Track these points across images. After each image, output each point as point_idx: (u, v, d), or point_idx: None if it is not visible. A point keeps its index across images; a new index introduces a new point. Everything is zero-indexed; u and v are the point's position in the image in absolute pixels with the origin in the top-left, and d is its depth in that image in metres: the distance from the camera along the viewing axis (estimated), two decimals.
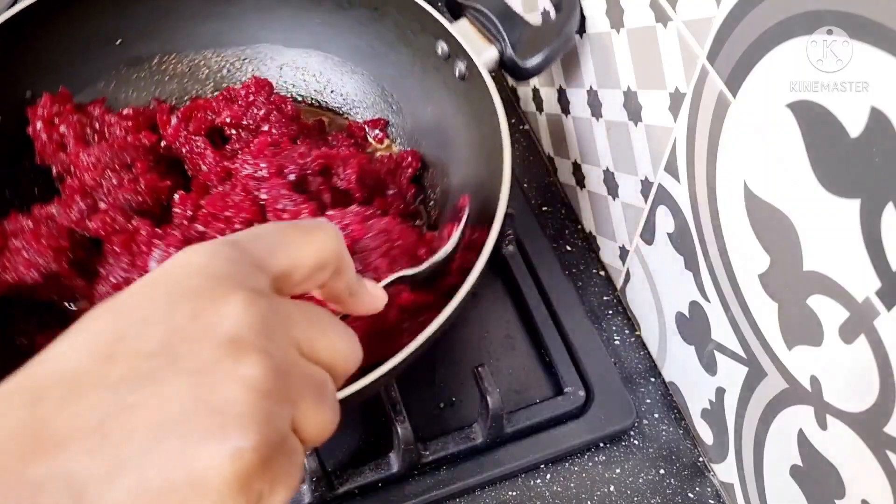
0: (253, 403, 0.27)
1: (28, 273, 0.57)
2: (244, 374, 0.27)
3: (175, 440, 0.26)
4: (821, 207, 0.39)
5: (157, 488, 0.25)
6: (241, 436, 0.26)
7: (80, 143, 0.62)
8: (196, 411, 0.26)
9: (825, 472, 0.46)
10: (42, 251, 0.57)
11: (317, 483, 0.54)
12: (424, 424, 0.61)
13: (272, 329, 0.28)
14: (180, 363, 0.26)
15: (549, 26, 0.62)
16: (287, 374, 0.28)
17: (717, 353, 0.55)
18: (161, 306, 0.28)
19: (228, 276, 0.29)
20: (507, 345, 0.66)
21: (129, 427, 0.25)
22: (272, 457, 0.27)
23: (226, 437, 0.26)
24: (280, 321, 0.29)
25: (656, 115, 0.54)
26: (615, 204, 0.65)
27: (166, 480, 0.25)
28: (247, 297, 0.28)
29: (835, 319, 0.41)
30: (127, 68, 0.71)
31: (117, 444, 0.25)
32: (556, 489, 0.60)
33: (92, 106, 0.65)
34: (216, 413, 0.26)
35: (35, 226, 0.59)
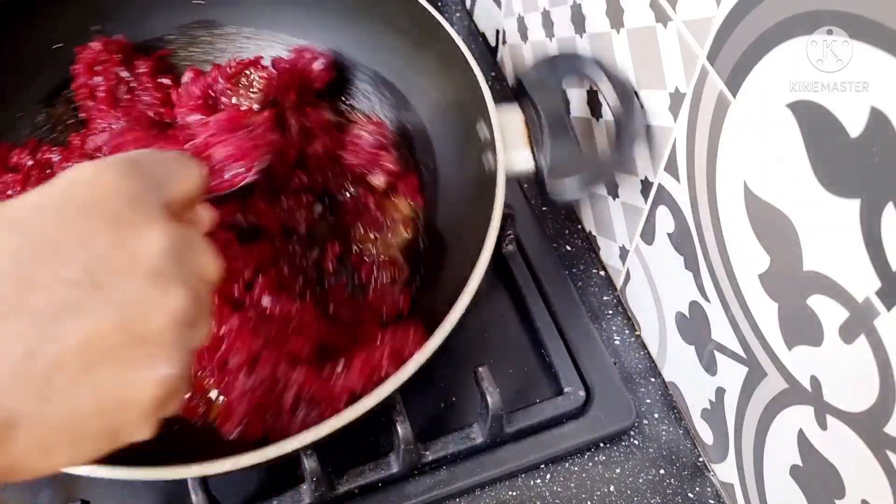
0: (178, 334, 0.29)
1: None
2: (170, 306, 0.28)
3: (105, 369, 0.27)
4: (821, 207, 0.39)
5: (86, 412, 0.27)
6: (168, 364, 0.28)
7: (109, 99, 0.64)
8: (125, 342, 0.27)
9: (825, 472, 0.46)
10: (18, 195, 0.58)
11: (317, 483, 0.54)
12: (424, 424, 0.61)
13: (184, 258, 0.30)
14: (107, 293, 0.27)
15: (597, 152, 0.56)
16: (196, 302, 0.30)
17: (717, 353, 0.55)
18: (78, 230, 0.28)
19: (142, 202, 0.30)
20: (507, 345, 0.66)
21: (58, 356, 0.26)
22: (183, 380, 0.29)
23: (154, 366, 0.28)
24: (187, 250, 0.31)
25: (656, 115, 0.54)
26: (615, 204, 0.65)
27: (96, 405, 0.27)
28: (164, 227, 0.29)
29: (835, 319, 0.41)
30: (199, 29, 0.70)
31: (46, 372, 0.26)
32: (556, 489, 0.60)
33: (143, 62, 0.66)
34: (145, 343, 0.28)
35: (29, 168, 0.60)
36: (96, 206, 0.29)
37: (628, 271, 0.67)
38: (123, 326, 0.27)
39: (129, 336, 0.27)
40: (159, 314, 0.28)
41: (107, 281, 0.27)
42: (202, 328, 0.31)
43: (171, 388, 0.29)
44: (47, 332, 0.26)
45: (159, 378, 0.28)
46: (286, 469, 0.59)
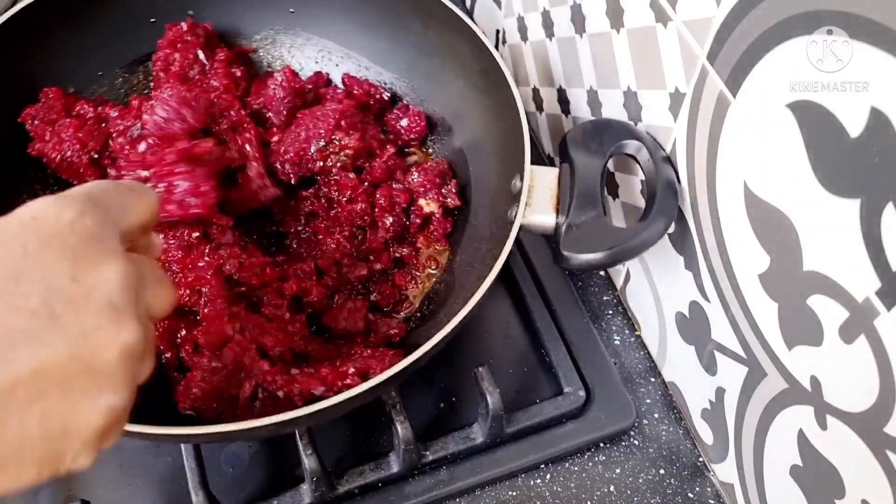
0: (127, 366, 0.30)
1: (54, 150, 0.64)
2: (122, 340, 0.30)
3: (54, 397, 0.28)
4: (821, 207, 0.39)
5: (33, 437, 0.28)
6: (114, 395, 0.29)
7: (179, 75, 0.68)
8: (76, 372, 0.28)
9: (825, 472, 0.46)
10: (73, 140, 0.64)
11: (317, 483, 0.54)
12: (424, 424, 0.61)
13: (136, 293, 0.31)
14: (62, 325, 0.28)
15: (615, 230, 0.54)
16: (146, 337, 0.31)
17: (717, 353, 0.55)
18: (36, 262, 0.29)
19: (99, 238, 0.31)
20: (507, 345, 0.66)
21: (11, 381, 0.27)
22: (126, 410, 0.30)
23: (101, 396, 0.29)
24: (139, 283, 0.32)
25: (656, 115, 0.54)
26: (615, 204, 0.65)
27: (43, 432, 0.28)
28: (119, 262, 0.31)
29: (835, 319, 0.41)
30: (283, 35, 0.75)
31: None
32: (556, 489, 0.60)
33: (223, 50, 0.70)
34: (94, 374, 0.29)
35: (87, 119, 0.65)
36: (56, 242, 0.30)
37: (628, 271, 0.67)
38: (75, 357, 0.28)
39: (80, 366, 0.28)
40: (111, 347, 0.29)
41: (63, 312, 0.28)
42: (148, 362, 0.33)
43: (115, 418, 0.30)
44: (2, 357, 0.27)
45: (106, 408, 0.29)
46: (286, 469, 0.59)
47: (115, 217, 0.33)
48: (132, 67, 0.73)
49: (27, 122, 0.65)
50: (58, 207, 0.31)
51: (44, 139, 0.65)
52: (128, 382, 0.30)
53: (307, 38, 0.75)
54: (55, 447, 0.29)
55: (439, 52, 0.68)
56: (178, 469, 0.58)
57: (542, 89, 0.74)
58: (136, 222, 0.35)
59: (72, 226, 0.30)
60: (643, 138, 0.55)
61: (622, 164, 0.62)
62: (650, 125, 0.56)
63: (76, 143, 0.64)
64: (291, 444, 0.53)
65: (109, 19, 0.70)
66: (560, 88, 0.70)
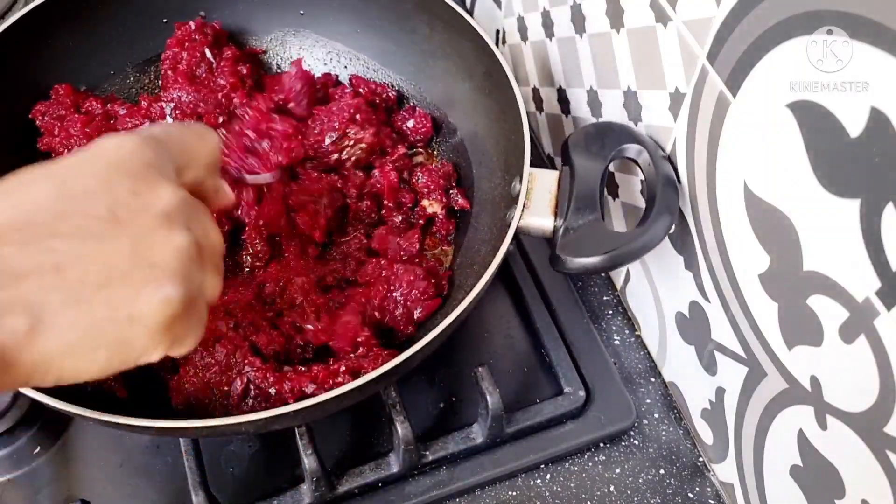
0: (180, 264, 0.34)
1: (62, 145, 0.66)
2: (175, 241, 0.34)
3: (120, 285, 0.32)
4: (821, 207, 0.39)
5: (101, 319, 0.32)
6: (171, 287, 0.33)
7: (186, 74, 0.69)
8: (137, 264, 0.33)
9: (825, 472, 0.46)
10: (80, 136, 0.65)
11: (317, 483, 0.54)
12: (424, 424, 0.61)
13: (190, 214, 0.36)
14: (124, 227, 0.33)
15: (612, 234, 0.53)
16: (201, 248, 0.36)
17: (717, 353, 0.55)
18: (103, 180, 0.34)
19: (155, 165, 0.36)
20: (507, 345, 0.66)
21: (82, 270, 0.32)
22: (190, 309, 0.35)
23: (160, 286, 0.33)
24: (194, 210, 0.37)
25: (656, 115, 0.54)
26: (615, 204, 0.65)
27: (110, 314, 0.32)
28: (172, 187, 0.36)
29: (835, 319, 0.41)
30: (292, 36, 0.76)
31: (72, 283, 0.31)
32: (556, 489, 0.60)
33: (230, 49, 0.71)
34: (153, 267, 0.33)
35: (94, 115, 0.67)
36: (120, 165, 0.35)
37: (628, 271, 0.67)
38: (135, 252, 0.33)
39: (139, 260, 0.33)
40: (166, 246, 0.34)
41: (124, 218, 0.33)
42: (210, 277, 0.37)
43: (176, 311, 0.33)
44: (74, 251, 0.32)
45: (164, 297, 0.33)
46: (286, 469, 0.59)
47: (173, 152, 0.38)
48: (143, 66, 0.74)
49: (37, 118, 0.66)
50: (123, 140, 0.36)
51: (53, 134, 0.66)
52: (183, 278, 0.34)
53: (316, 39, 0.76)
54: (122, 331, 0.33)
55: (445, 54, 0.69)
56: (178, 469, 0.58)
57: (542, 89, 0.74)
58: (195, 159, 0.39)
59: (134, 154, 0.36)
60: (644, 142, 0.55)
61: (622, 165, 0.62)
62: (650, 125, 0.56)
63: (83, 139, 0.65)
64: (291, 444, 0.53)
65: (121, 19, 0.71)
66: (560, 88, 0.70)
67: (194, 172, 0.40)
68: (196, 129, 0.41)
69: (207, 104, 0.65)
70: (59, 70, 0.68)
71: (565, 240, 0.53)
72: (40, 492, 0.59)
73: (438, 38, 0.69)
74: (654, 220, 0.51)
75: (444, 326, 0.50)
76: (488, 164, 0.65)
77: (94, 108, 0.68)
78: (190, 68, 0.69)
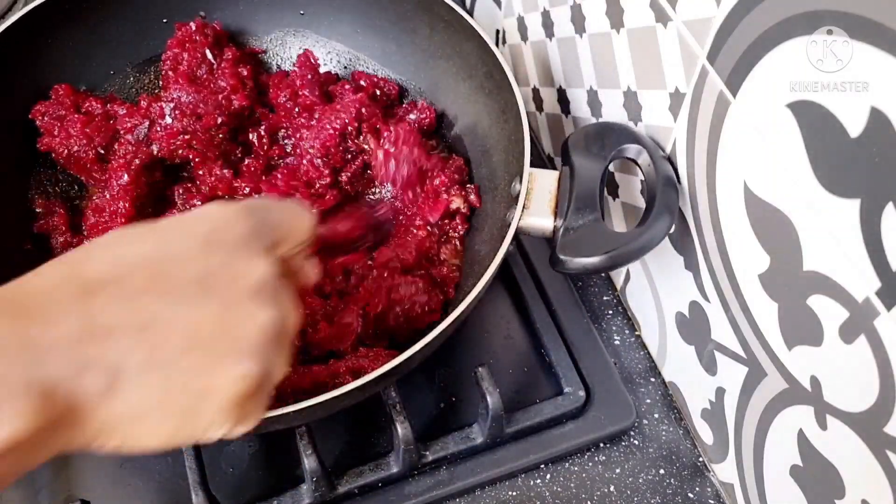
0: (262, 341, 0.34)
1: (61, 145, 0.66)
2: (260, 318, 0.34)
3: (200, 353, 0.32)
4: (821, 207, 0.39)
5: (177, 387, 0.32)
6: (250, 363, 0.33)
7: (187, 74, 0.69)
8: (221, 335, 0.33)
9: (825, 472, 0.46)
10: (80, 136, 0.65)
11: (317, 483, 0.54)
12: (424, 424, 0.61)
13: (278, 292, 0.36)
14: (213, 295, 0.33)
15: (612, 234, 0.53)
16: (281, 328, 0.35)
17: (717, 353, 0.55)
18: (201, 246, 0.35)
19: (252, 239, 0.36)
20: (507, 345, 0.66)
21: (166, 334, 0.32)
22: (261, 388, 0.34)
23: (239, 362, 0.33)
24: (278, 288, 0.36)
25: (656, 115, 0.54)
26: (615, 204, 0.65)
27: (186, 383, 0.32)
28: (263, 263, 0.36)
29: (835, 319, 0.41)
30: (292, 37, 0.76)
31: (155, 345, 0.31)
32: (556, 489, 0.60)
33: (230, 50, 0.71)
34: (235, 340, 0.33)
35: (94, 115, 0.67)
36: (216, 235, 0.36)
37: (628, 271, 0.67)
38: (220, 322, 0.33)
39: (223, 331, 0.33)
40: (250, 321, 0.34)
41: (215, 287, 0.34)
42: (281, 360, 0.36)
43: (250, 389, 0.33)
44: (162, 312, 0.32)
45: (241, 373, 0.33)
46: (286, 469, 0.59)
47: (268, 229, 0.38)
48: (143, 67, 0.74)
49: (37, 118, 0.66)
50: (226, 210, 0.37)
51: (52, 134, 0.66)
52: (263, 357, 0.34)
53: (316, 39, 0.76)
54: (194, 403, 0.32)
55: (445, 54, 0.69)
56: (178, 469, 0.58)
57: (542, 89, 0.74)
58: (287, 238, 0.39)
59: (231, 225, 0.36)
60: (644, 142, 0.55)
61: (622, 165, 0.62)
62: (650, 125, 0.56)
63: (83, 139, 0.65)
64: (291, 444, 0.53)
65: (121, 19, 0.71)
66: (560, 88, 0.70)
67: (286, 249, 0.40)
68: (294, 208, 0.41)
69: (207, 105, 0.65)
70: (59, 70, 0.69)
71: (565, 240, 0.53)
72: (40, 492, 0.59)
73: (439, 39, 0.69)
74: (654, 220, 0.51)
75: (444, 326, 0.50)
76: (489, 164, 0.65)
77: (93, 109, 0.68)
78: (191, 69, 0.69)
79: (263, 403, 0.35)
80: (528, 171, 0.56)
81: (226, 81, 0.68)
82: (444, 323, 0.50)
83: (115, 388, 0.30)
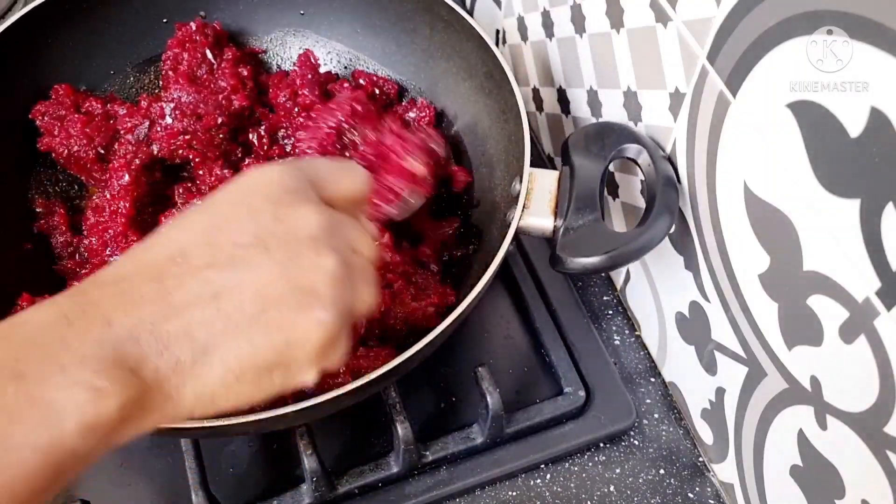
0: (331, 286, 0.34)
1: (61, 145, 0.66)
2: (323, 264, 0.34)
3: (275, 311, 0.33)
4: (821, 207, 0.39)
5: (261, 346, 0.33)
6: (324, 311, 0.34)
7: (187, 75, 0.68)
8: (289, 291, 0.33)
9: (825, 472, 0.46)
10: (80, 136, 0.66)
11: (317, 483, 0.54)
12: (424, 424, 0.61)
13: (335, 233, 0.36)
14: (272, 253, 0.34)
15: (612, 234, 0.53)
16: (349, 266, 0.36)
17: (717, 353, 0.55)
18: (248, 208, 0.35)
19: (296, 190, 0.36)
20: (507, 345, 0.66)
21: (239, 299, 0.33)
22: (342, 331, 0.35)
23: (313, 311, 0.33)
24: (339, 227, 0.37)
25: (656, 115, 0.54)
26: (615, 204, 0.65)
27: (270, 341, 0.33)
28: (314, 207, 0.36)
29: (835, 319, 0.41)
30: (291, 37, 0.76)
31: (230, 312, 0.32)
32: (556, 489, 0.60)
33: (231, 50, 0.71)
34: (304, 293, 0.34)
35: (95, 115, 0.67)
36: (262, 192, 0.36)
37: (628, 271, 0.67)
38: (286, 278, 0.33)
39: (291, 286, 0.33)
40: (314, 270, 0.34)
41: (271, 244, 0.34)
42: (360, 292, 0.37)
43: (331, 334, 0.34)
44: (228, 281, 0.33)
45: (319, 321, 0.34)
46: (286, 469, 0.59)
47: (317, 181, 0.38)
48: (143, 67, 0.74)
49: (37, 118, 0.66)
50: (266, 169, 0.37)
51: (53, 134, 0.66)
52: (336, 301, 0.34)
53: (316, 39, 0.76)
54: (282, 357, 0.33)
55: (445, 54, 0.69)
56: (178, 469, 0.58)
57: (542, 89, 0.74)
58: (338, 192, 0.39)
59: (275, 181, 0.36)
60: (644, 142, 0.55)
61: (622, 165, 0.62)
62: (650, 125, 0.56)
63: (83, 139, 0.65)
64: (291, 444, 0.53)
65: (122, 19, 0.71)
66: (560, 88, 0.70)
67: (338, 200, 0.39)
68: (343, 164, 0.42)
69: (207, 105, 0.66)
70: (59, 70, 0.69)
71: (565, 240, 0.53)
72: None
73: (439, 39, 0.69)
74: (654, 220, 0.51)
75: (444, 326, 0.50)
76: (489, 164, 0.65)
77: (93, 108, 0.68)
78: (191, 69, 0.69)
79: (347, 341, 0.36)
80: (528, 170, 0.56)
81: (226, 81, 0.68)
82: (445, 322, 0.50)
83: (202, 360, 0.32)
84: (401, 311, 0.58)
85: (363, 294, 0.37)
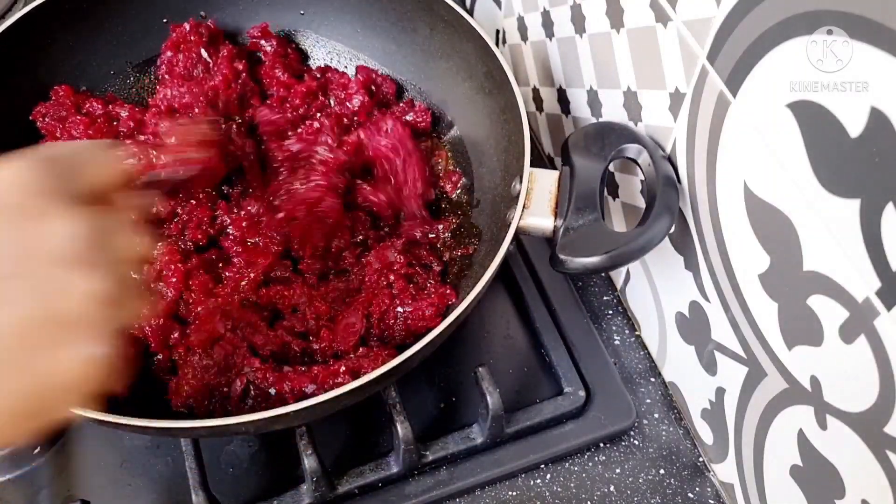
0: (90, 310, 0.30)
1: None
2: (84, 288, 0.29)
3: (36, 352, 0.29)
4: (821, 207, 0.39)
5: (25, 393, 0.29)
6: (84, 342, 0.29)
7: (183, 75, 0.69)
8: (49, 325, 0.29)
9: (825, 472, 0.46)
10: (83, 138, 0.65)
11: (317, 483, 0.54)
12: (424, 424, 0.61)
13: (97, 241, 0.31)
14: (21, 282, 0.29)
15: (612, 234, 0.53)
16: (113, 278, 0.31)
17: (717, 353, 0.55)
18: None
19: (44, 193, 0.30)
20: (507, 345, 0.66)
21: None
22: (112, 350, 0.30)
23: (70, 346, 0.29)
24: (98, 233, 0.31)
25: (656, 115, 0.54)
26: (615, 204, 0.65)
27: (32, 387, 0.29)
28: (69, 214, 0.30)
29: (835, 319, 0.41)
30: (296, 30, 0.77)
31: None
32: (556, 489, 0.60)
33: (226, 47, 0.71)
34: (60, 325, 0.29)
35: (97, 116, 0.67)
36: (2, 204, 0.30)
37: (628, 271, 0.67)
38: (44, 311, 0.29)
39: (51, 319, 0.29)
40: (72, 295, 0.29)
41: (18, 271, 0.29)
42: (129, 306, 0.32)
43: (96, 363, 0.30)
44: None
45: (85, 357, 0.30)
46: (286, 469, 0.59)
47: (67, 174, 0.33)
48: (143, 67, 0.74)
49: (38, 119, 0.66)
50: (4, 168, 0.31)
51: (54, 136, 0.66)
52: (103, 328, 0.30)
53: (316, 39, 0.76)
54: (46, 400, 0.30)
55: (445, 54, 0.69)
56: (178, 469, 0.58)
57: (542, 89, 0.74)
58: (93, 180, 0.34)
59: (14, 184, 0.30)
60: (644, 142, 0.55)
61: (622, 165, 0.62)
62: (650, 125, 0.56)
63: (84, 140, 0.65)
64: (291, 444, 0.53)
65: (122, 19, 0.71)
66: (560, 88, 0.70)
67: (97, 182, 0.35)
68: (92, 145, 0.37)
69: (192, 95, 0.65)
70: (59, 70, 0.69)
71: (565, 240, 0.53)
72: (40, 492, 0.59)
73: (439, 39, 0.69)
74: (654, 220, 0.51)
75: (444, 326, 0.50)
76: (489, 163, 0.65)
77: (94, 109, 0.68)
78: (187, 70, 0.69)
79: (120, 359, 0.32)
80: (528, 170, 0.56)
81: (221, 76, 0.68)
82: (445, 322, 0.50)
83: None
84: (401, 311, 0.58)
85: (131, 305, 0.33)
